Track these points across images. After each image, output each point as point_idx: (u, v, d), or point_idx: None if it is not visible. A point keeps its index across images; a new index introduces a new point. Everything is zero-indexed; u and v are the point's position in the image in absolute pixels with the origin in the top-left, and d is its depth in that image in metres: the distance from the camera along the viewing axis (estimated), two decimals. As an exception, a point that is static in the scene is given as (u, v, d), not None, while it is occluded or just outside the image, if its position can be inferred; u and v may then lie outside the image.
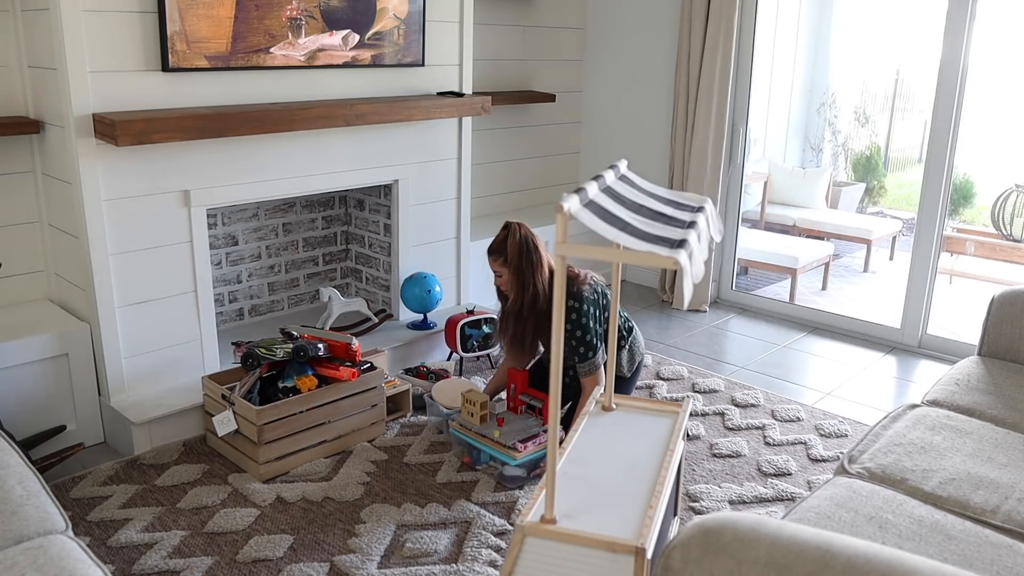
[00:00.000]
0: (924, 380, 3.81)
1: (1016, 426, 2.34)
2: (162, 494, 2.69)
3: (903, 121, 7.25)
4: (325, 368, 2.95)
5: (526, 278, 2.84)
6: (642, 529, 1.79)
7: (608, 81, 4.94)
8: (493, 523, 2.58)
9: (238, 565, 2.36)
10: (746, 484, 2.85)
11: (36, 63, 2.82)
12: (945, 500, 1.97)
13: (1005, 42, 6.08)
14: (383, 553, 2.43)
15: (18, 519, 1.73)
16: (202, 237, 3.08)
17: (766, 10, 5.86)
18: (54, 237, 3.04)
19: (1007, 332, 2.72)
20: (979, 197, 6.76)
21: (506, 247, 2.84)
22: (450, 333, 3.54)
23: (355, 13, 3.28)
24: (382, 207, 3.82)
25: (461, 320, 3.52)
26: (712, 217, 1.98)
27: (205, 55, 2.92)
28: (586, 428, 2.24)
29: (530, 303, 2.87)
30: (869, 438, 2.26)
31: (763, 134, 6.72)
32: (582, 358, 2.82)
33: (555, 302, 1.62)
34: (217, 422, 2.81)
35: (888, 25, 6.91)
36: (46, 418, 2.90)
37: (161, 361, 3.08)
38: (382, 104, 3.29)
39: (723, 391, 3.57)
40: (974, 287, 5.77)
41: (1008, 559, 1.74)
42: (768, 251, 5.38)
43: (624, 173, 2.02)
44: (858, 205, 7.03)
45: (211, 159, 3.03)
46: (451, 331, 3.53)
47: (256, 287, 3.79)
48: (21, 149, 2.96)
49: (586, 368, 2.83)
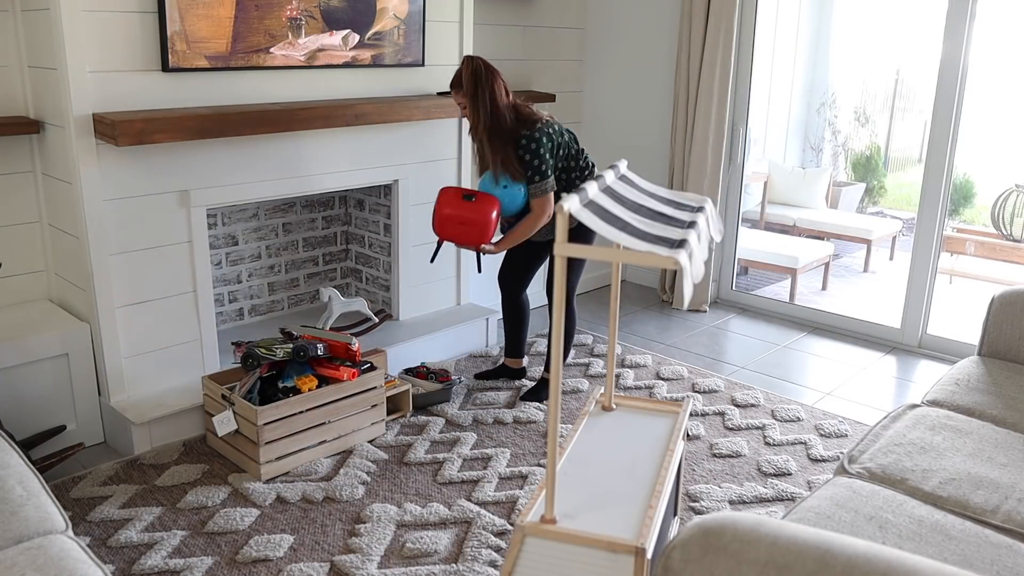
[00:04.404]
0: (924, 380, 3.81)
1: (1016, 426, 2.34)
2: (162, 494, 2.70)
3: (903, 121, 7.25)
4: (325, 368, 2.95)
5: (481, 101, 3.00)
6: (642, 529, 1.79)
7: (608, 81, 4.94)
8: (493, 523, 2.58)
9: (238, 565, 2.36)
10: (746, 484, 2.85)
11: (36, 63, 2.82)
12: (945, 500, 1.97)
13: (1005, 42, 6.08)
14: (383, 553, 2.43)
15: (18, 519, 1.73)
16: (202, 237, 3.08)
17: (766, 10, 5.87)
18: (54, 237, 3.04)
19: (1007, 332, 2.72)
20: (979, 197, 6.77)
21: (461, 77, 3.02)
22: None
23: (355, 13, 3.28)
24: (382, 207, 3.82)
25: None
26: (712, 217, 1.99)
27: (205, 55, 2.92)
28: (586, 428, 2.24)
29: (490, 126, 3.02)
30: (869, 438, 2.26)
31: (763, 134, 6.72)
32: (530, 180, 3.05)
33: (555, 302, 1.62)
34: (217, 422, 2.81)
35: (888, 25, 6.91)
36: (46, 418, 2.90)
37: (161, 361, 3.08)
38: (382, 104, 3.29)
39: (723, 391, 3.57)
40: (974, 287, 5.77)
41: (1008, 559, 1.74)
42: (768, 251, 5.38)
43: (624, 173, 2.02)
44: (858, 205, 7.03)
45: (211, 159, 3.03)
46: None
47: (256, 287, 3.79)
48: (21, 149, 2.96)
49: (533, 190, 3.07)
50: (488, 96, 2.99)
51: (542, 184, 3.05)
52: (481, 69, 2.99)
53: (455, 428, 3.19)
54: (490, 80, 3.00)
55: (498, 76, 3.03)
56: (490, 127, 3.02)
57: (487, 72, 3.00)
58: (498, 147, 3.03)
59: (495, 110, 3.00)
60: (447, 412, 3.30)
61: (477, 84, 2.99)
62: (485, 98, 2.99)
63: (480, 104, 3.00)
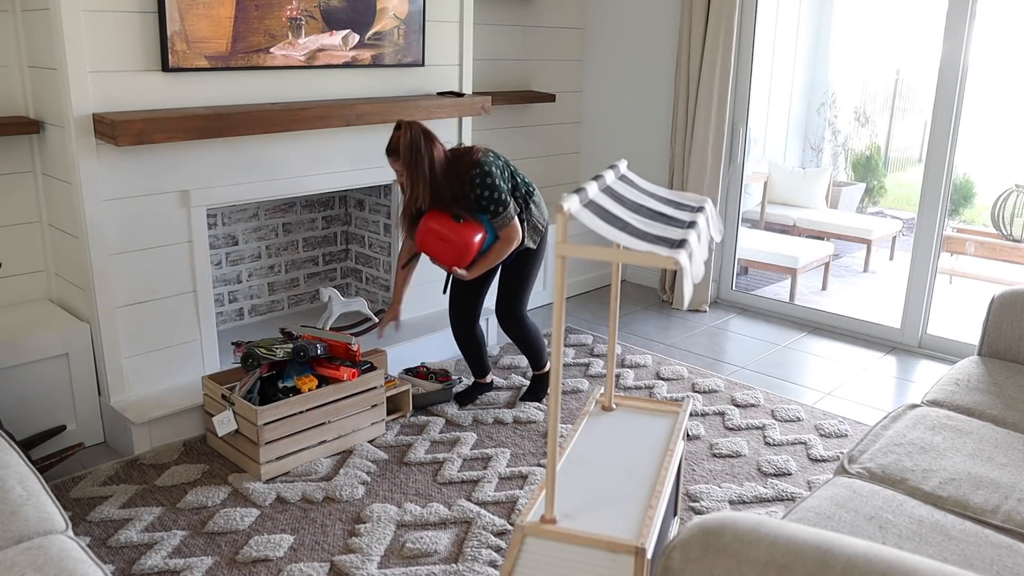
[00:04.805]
0: (924, 380, 3.81)
1: (1016, 426, 2.34)
2: (162, 494, 2.70)
3: (903, 121, 7.26)
4: (325, 368, 2.95)
5: (420, 172, 2.89)
6: (642, 529, 1.79)
7: (608, 81, 4.94)
8: (493, 523, 2.58)
9: (238, 565, 2.36)
10: (746, 484, 2.85)
11: (36, 63, 2.82)
12: (945, 500, 1.97)
13: (1005, 42, 6.08)
14: (383, 553, 2.43)
15: (18, 519, 1.73)
16: (202, 237, 3.08)
17: (766, 10, 5.87)
18: (54, 237, 3.04)
19: (1007, 332, 2.72)
20: (979, 197, 6.77)
21: (399, 144, 2.89)
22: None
23: (355, 13, 3.28)
24: (382, 207, 3.82)
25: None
26: (712, 217, 1.99)
27: (205, 55, 2.92)
28: (586, 428, 2.24)
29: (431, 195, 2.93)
30: (869, 438, 2.26)
31: (763, 134, 6.72)
32: (494, 215, 2.97)
33: (556, 302, 1.62)
34: (217, 422, 2.81)
35: (888, 25, 6.91)
36: (46, 418, 2.90)
37: (161, 361, 3.08)
38: (382, 104, 3.29)
39: (723, 391, 3.57)
40: (974, 287, 5.77)
41: (1008, 559, 1.74)
42: (768, 251, 5.38)
43: (624, 173, 2.02)
44: (858, 205, 7.03)
45: (211, 159, 3.03)
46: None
47: (256, 287, 3.79)
48: (21, 149, 2.96)
49: (499, 222, 2.99)
50: (428, 164, 2.88)
51: (506, 213, 2.97)
52: (420, 137, 2.87)
53: (455, 428, 3.19)
54: (429, 148, 2.88)
55: (435, 141, 2.92)
56: (431, 196, 2.92)
57: (426, 140, 2.88)
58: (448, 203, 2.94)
59: (434, 180, 2.90)
60: (447, 412, 3.30)
61: (415, 154, 2.87)
62: (423, 167, 2.88)
63: (419, 175, 2.89)
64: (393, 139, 2.90)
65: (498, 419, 3.25)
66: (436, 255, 3.01)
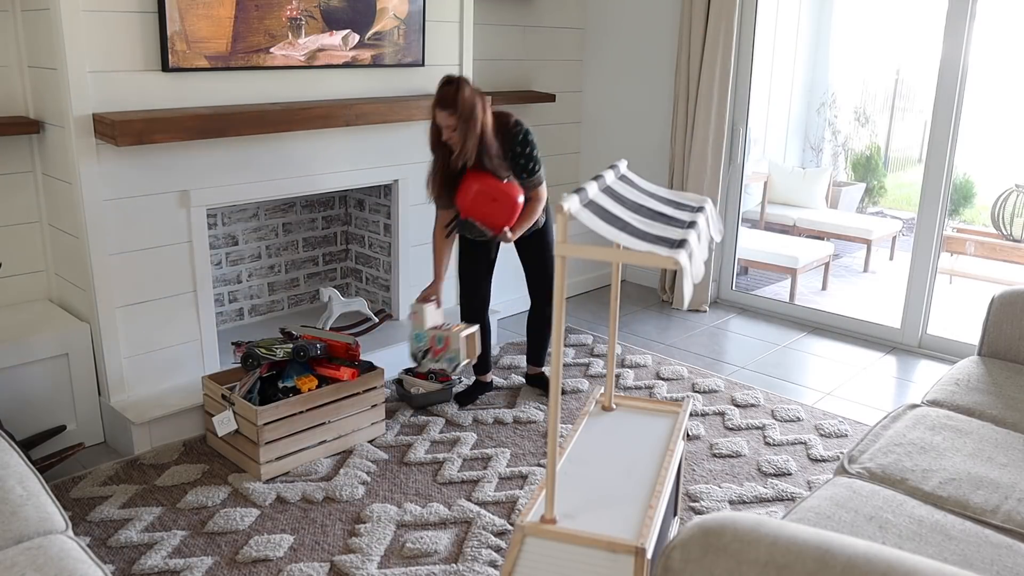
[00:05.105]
0: (924, 380, 3.81)
1: (1016, 426, 2.34)
2: (162, 494, 2.69)
3: (903, 121, 7.26)
4: (325, 368, 2.95)
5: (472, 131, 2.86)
6: (642, 529, 1.79)
7: (608, 81, 4.94)
8: (493, 523, 2.58)
9: (238, 565, 2.36)
10: (746, 484, 2.85)
11: (36, 63, 2.82)
12: (945, 500, 1.97)
13: (1005, 42, 6.08)
14: (383, 553, 2.43)
15: (18, 519, 1.73)
16: (202, 237, 3.08)
17: (766, 10, 5.87)
18: (54, 237, 3.04)
19: (1007, 332, 2.72)
20: (979, 197, 6.77)
21: (455, 98, 2.82)
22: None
23: (355, 13, 3.28)
24: (382, 207, 3.82)
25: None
26: (712, 217, 1.99)
27: (205, 55, 2.92)
28: (586, 428, 2.24)
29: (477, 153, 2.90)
30: (869, 438, 2.26)
31: (763, 134, 6.72)
32: (531, 173, 3.03)
33: (555, 302, 1.62)
34: (217, 422, 2.81)
35: (888, 25, 6.91)
36: (46, 418, 2.90)
37: (161, 361, 3.08)
38: (382, 104, 3.29)
39: (723, 391, 3.57)
40: (974, 287, 5.77)
41: (1008, 559, 1.74)
42: (768, 251, 5.38)
43: (624, 173, 2.02)
44: (858, 205, 7.03)
45: (211, 159, 3.03)
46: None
47: (256, 287, 3.79)
48: (21, 149, 2.96)
49: (534, 181, 3.06)
50: (482, 120, 2.87)
51: (540, 173, 3.06)
52: (476, 93, 2.84)
53: (455, 428, 3.19)
54: (483, 104, 2.87)
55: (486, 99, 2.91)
56: (478, 153, 2.90)
57: (480, 97, 2.86)
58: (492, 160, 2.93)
59: (484, 136, 2.89)
60: (447, 412, 3.30)
61: (474, 108, 2.83)
62: (478, 123, 2.85)
63: (473, 131, 2.85)
64: (447, 93, 2.83)
65: (498, 419, 3.26)
66: (486, 216, 2.95)
